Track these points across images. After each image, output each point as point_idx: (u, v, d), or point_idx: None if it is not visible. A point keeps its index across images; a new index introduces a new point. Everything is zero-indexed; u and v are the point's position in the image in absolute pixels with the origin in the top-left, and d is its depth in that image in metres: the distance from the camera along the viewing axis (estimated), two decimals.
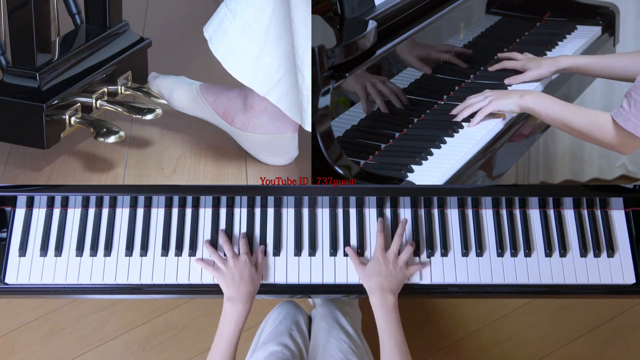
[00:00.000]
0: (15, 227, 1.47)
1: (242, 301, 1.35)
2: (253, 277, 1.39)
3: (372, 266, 1.39)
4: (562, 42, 1.73)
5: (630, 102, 1.25)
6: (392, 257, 1.39)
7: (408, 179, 1.27)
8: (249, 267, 1.39)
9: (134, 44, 1.62)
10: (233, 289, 1.36)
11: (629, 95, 1.25)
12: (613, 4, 1.80)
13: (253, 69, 1.41)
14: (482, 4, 1.62)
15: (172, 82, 1.56)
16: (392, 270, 1.38)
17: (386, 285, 1.35)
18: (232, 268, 1.38)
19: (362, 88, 1.33)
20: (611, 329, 2.26)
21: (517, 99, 1.38)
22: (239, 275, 1.37)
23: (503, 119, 1.41)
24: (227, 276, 1.38)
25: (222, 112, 1.52)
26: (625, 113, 1.25)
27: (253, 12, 1.37)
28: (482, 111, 1.40)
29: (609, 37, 1.80)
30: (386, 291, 1.35)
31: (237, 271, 1.38)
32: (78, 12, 1.61)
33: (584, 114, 1.32)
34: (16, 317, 2.25)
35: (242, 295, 1.35)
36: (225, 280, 1.38)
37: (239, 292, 1.36)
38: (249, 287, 1.37)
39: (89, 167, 1.53)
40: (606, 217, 1.50)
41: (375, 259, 1.40)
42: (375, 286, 1.35)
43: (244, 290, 1.36)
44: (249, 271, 1.38)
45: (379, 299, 1.34)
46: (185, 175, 1.51)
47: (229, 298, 1.36)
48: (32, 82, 1.44)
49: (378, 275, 1.37)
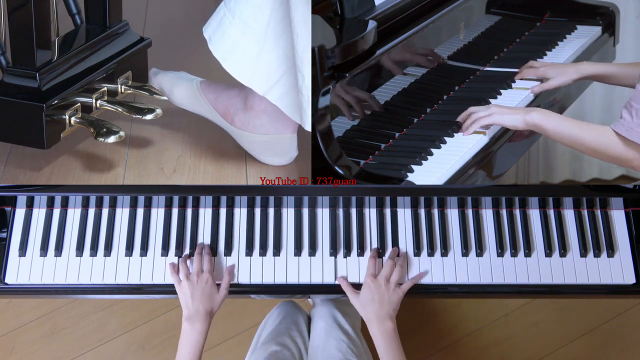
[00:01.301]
0: (15, 227, 1.47)
1: (200, 320, 1.34)
2: (212, 295, 1.37)
3: (365, 294, 1.37)
4: (562, 42, 1.73)
5: (631, 112, 1.23)
6: (383, 282, 1.37)
7: (408, 179, 1.27)
8: (210, 285, 1.38)
9: (134, 44, 1.62)
10: (192, 307, 1.35)
11: (629, 105, 1.24)
12: (613, 4, 1.80)
13: (252, 68, 1.41)
14: (482, 4, 1.62)
15: (172, 78, 1.56)
16: (385, 294, 1.36)
17: (383, 312, 1.34)
18: (193, 285, 1.37)
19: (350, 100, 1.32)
20: (611, 329, 2.26)
21: (522, 115, 1.34)
22: (199, 292, 1.36)
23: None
24: (187, 292, 1.36)
25: (222, 111, 1.52)
26: (627, 123, 1.24)
27: (252, 11, 1.37)
28: (480, 120, 1.37)
29: (609, 37, 1.80)
30: (383, 318, 1.33)
31: (198, 288, 1.37)
32: (78, 12, 1.60)
33: (593, 130, 1.29)
34: (16, 317, 2.25)
35: (201, 314, 1.34)
36: (185, 296, 1.36)
37: (197, 311, 1.34)
38: (208, 306, 1.36)
39: (89, 167, 1.53)
40: (606, 217, 1.50)
41: (366, 285, 1.38)
42: (372, 315, 1.34)
43: (202, 309, 1.35)
44: (210, 290, 1.37)
45: (378, 327, 1.32)
46: (185, 175, 1.51)
47: (187, 317, 1.34)
48: (32, 82, 1.44)
49: (372, 302, 1.35)
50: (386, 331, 1.32)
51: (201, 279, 1.38)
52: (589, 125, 1.30)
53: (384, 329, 1.32)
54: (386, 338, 1.32)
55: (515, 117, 1.35)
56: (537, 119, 1.34)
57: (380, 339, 1.32)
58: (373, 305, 1.34)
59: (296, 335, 1.56)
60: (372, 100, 1.37)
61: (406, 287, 1.40)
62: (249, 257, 1.45)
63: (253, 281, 1.44)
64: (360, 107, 1.34)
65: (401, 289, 1.38)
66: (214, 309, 1.37)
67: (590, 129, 1.30)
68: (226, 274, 1.42)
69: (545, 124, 1.33)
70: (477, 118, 1.38)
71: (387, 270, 1.39)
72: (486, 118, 1.37)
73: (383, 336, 1.32)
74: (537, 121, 1.33)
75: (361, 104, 1.34)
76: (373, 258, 1.42)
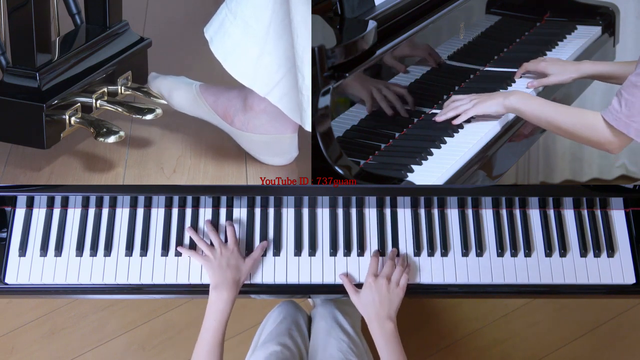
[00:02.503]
0: (15, 227, 1.47)
1: (227, 289, 1.35)
2: (239, 266, 1.39)
3: (366, 294, 1.37)
4: (562, 42, 1.73)
5: (621, 101, 1.25)
6: (384, 282, 1.37)
7: (408, 179, 1.27)
8: (237, 256, 1.40)
9: (134, 44, 1.62)
10: (219, 276, 1.36)
11: (619, 94, 1.25)
12: (613, 4, 1.80)
13: (253, 69, 1.41)
14: (482, 4, 1.62)
15: (171, 82, 1.56)
16: (386, 294, 1.36)
17: (383, 313, 1.34)
18: (218, 255, 1.39)
19: (365, 90, 1.33)
20: (611, 329, 2.26)
21: (501, 99, 1.38)
22: (225, 262, 1.38)
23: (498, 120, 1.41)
24: (214, 263, 1.38)
25: (221, 113, 1.52)
26: (615, 112, 1.26)
27: (253, 12, 1.37)
28: (465, 113, 1.40)
29: (609, 37, 1.80)
30: (384, 319, 1.33)
31: (224, 259, 1.38)
32: (78, 12, 1.60)
33: (572, 113, 1.32)
34: (16, 317, 2.25)
35: (228, 282, 1.35)
36: (212, 267, 1.38)
37: (225, 279, 1.36)
38: (235, 275, 1.37)
39: (89, 167, 1.53)
40: (606, 217, 1.50)
41: (367, 285, 1.38)
42: (373, 316, 1.34)
43: (230, 277, 1.36)
44: (236, 260, 1.39)
45: (378, 328, 1.33)
46: (185, 175, 1.51)
47: (215, 286, 1.35)
48: (32, 82, 1.44)
49: (372, 303, 1.35)
50: (387, 331, 1.32)
51: (227, 249, 1.40)
52: (567, 108, 1.33)
53: (385, 330, 1.32)
54: (387, 338, 1.32)
55: (495, 102, 1.38)
56: (515, 102, 1.37)
57: (381, 338, 1.32)
58: (374, 305, 1.35)
59: (296, 335, 1.56)
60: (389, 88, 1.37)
61: (405, 285, 1.40)
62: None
63: (253, 281, 1.44)
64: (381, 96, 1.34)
65: (401, 289, 1.38)
66: (241, 278, 1.38)
67: (570, 113, 1.32)
68: (259, 246, 1.44)
69: (524, 107, 1.36)
70: (463, 111, 1.40)
71: (387, 270, 1.39)
72: (471, 110, 1.39)
73: (384, 336, 1.32)
74: (515, 104, 1.37)
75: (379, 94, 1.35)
76: (375, 257, 1.42)
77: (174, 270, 1.44)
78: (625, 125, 1.25)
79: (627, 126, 1.25)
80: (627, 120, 1.24)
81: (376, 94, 1.37)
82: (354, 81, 1.31)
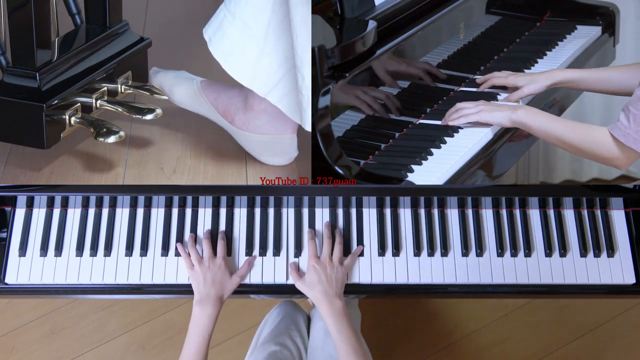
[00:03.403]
0: (15, 227, 1.47)
1: (211, 305, 1.34)
2: (224, 282, 1.38)
3: (310, 276, 1.38)
4: (562, 42, 1.73)
5: (629, 117, 1.24)
6: (327, 261, 1.39)
7: (408, 179, 1.27)
8: (223, 271, 1.39)
9: (134, 44, 1.62)
10: (204, 291, 1.36)
11: (626, 109, 1.24)
12: (613, 4, 1.80)
13: (253, 70, 1.41)
14: (482, 4, 1.62)
15: (173, 78, 1.56)
16: (330, 272, 1.37)
17: (331, 291, 1.35)
18: (205, 269, 1.38)
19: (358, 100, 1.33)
20: (611, 329, 2.26)
21: (508, 112, 1.36)
22: (211, 277, 1.37)
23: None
24: (199, 277, 1.38)
25: (222, 111, 1.52)
26: (624, 128, 1.24)
27: (252, 13, 1.37)
28: (467, 117, 1.39)
29: (609, 37, 1.80)
30: (332, 297, 1.34)
31: (211, 273, 1.38)
32: (78, 12, 1.61)
33: (579, 129, 1.30)
34: (16, 317, 2.25)
35: (212, 298, 1.35)
36: (197, 280, 1.38)
37: (209, 295, 1.35)
38: (219, 291, 1.37)
39: (89, 167, 1.53)
40: (606, 217, 1.50)
41: (310, 267, 1.39)
42: (321, 295, 1.35)
43: (214, 293, 1.36)
44: (222, 276, 1.38)
45: (328, 307, 1.33)
46: (185, 175, 1.51)
47: (198, 301, 1.35)
48: (32, 82, 1.44)
49: (319, 283, 1.36)
50: (336, 310, 1.33)
51: (214, 264, 1.39)
52: (574, 124, 1.32)
53: (334, 308, 1.33)
54: (337, 317, 1.33)
55: (501, 115, 1.37)
56: (523, 116, 1.35)
57: (331, 317, 1.33)
58: (321, 285, 1.36)
59: (296, 335, 1.56)
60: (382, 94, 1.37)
61: (349, 263, 1.41)
62: (249, 257, 1.45)
63: (253, 281, 1.44)
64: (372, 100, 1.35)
65: (344, 266, 1.40)
66: (224, 295, 1.38)
67: (577, 128, 1.31)
68: (245, 263, 1.43)
69: (531, 122, 1.34)
70: (466, 114, 1.39)
71: (327, 250, 1.41)
72: (474, 115, 1.38)
73: (333, 315, 1.33)
74: (523, 119, 1.35)
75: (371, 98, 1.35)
76: (312, 240, 1.43)
77: (174, 270, 1.44)
78: (635, 140, 1.24)
79: (636, 142, 1.23)
80: (636, 135, 1.23)
81: (372, 102, 1.37)
82: (346, 91, 1.31)
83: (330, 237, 1.44)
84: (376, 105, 1.37)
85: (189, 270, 1.40)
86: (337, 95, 1.28)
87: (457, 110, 1.41)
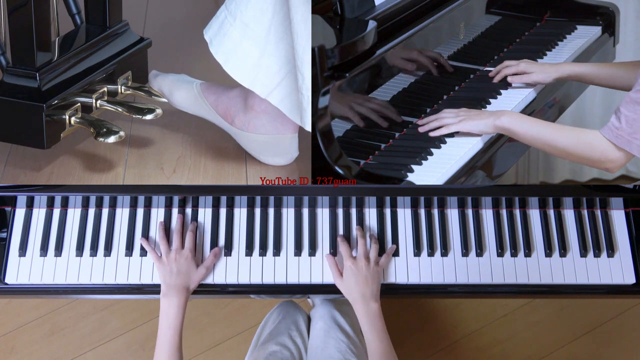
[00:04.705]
0: (15, 227, 1.47)
1: (176, 294, 1.36)
2: (190, 272, 1.39)
3: (348, 277, 1.38)
4: (562, 42, 1.73)
5: (620, 119, 1.23)
6: (364, 262, 1.39)
7: (408, 179, 1.27)
8: (189, 262, 1.40)
9: (134, 44, 1.62)
10: (168, 282, 1.37)
11: (618, 111, 1.24)
12: (613, 4, 1.80)
13: (254, 71, 1.40)
14: (482, 4, 1.62)
15: (172, 81, 1.56)
16: (367, 273, 1.37)
17: (368, 293, 1.35)
18: (172, 260, 1.39)
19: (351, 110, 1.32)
20: (611, 329, 2.26)
21: (491, 120, 1.34)
22: (176, 268, 1.39)
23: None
24: (166, 268, 1.39)
25: (222, 112, 1.52)
26: (616, 129, 1.24)
27: (253, 14, 1.37)
28: (447, 127, 1.36)
29: (609, 37, 1.80)
30: (369, 299, 1.35)
31: (176, 264, 1.39)
32: (78, 12, 1.60)
33: (568, 132, 1.29)
34: (16, 317, 2.25)
35: (178, 288, 1.36)
36: (164, 272, 1.39)
37: (174, 285, 1.37)
38: (184, 281, 1.38)
39: (89, 167, 1.53)
40: (606, 217, 1.50)
41: (348, 268, 1.39)
42: (358, 297, 1.35)
43: (179, 283, 1.37)
44: (188, 266, 1.39)
45: (363, 309, 1.34)
46: (185, 175, 1.51)
47: (164, 293, 1.37)
48: (32, 82, 1.44)
49: (356, 284, 1.36)
50: (371, 312, 1.34)
51: (180, 255, 1.40)
52: (562, 128, 1.30)
53: (369, 310, 1.34)
54: (371, 318, 1.33)
55: (484, 122, 1.34)
56: (506, 122, 1.33)
57: (365, 318, 1.33)
58: (357, 286, 1.36)
59: (296, 335, 1.56)
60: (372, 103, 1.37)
61: (383, 262, 1.42)
62: (249, 257, 1.45)
63: (253, 281, 1.44)
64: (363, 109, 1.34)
65: (380, 265, 1.41)
66: (190, 285, 1.39)
67: (565, 132, 1.29)
68: (211, 254, 1.43)
69: (515, 127, 1.32)
70: (447, 124, 1.37)
71: (362, 250, 1.41)
72: (455, 125, 1.36)
73: (368, 316, 1.33)
74: (507, 125, 1.33)
75: (362, 107, 1.34)
76: (344, 242, 1.43)
77: None
78: (627, 142, 1.24)
79: (629, 143, 1.24)
80: (629, 137, 1.23)
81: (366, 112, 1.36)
82: (342, 101, 1.31)
83: (363, 237, 1.44)
84: (373, 115, 1.37)
85: (156, 262, 1.41)
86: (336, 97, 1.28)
87: (437, 119, 1.39)
